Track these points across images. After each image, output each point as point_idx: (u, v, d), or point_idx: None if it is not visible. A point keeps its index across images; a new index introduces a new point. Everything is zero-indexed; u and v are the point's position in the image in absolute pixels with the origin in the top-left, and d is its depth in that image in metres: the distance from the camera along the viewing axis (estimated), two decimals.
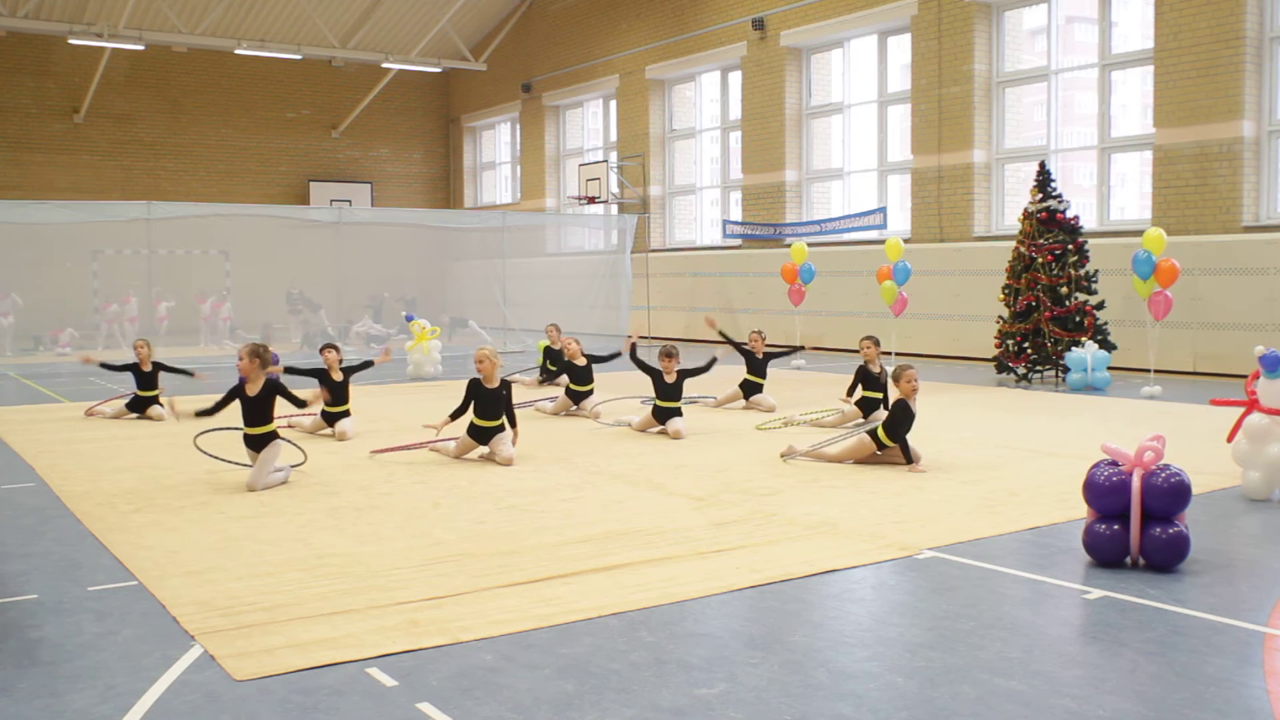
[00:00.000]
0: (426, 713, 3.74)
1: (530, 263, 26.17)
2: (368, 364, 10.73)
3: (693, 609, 4.87)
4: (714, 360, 10.85)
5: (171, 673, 4.12)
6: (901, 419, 8.26)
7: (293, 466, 8.27)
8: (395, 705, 3.81)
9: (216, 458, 8.38)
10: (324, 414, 10.16)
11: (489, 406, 8.71)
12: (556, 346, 13.39)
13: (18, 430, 10.75)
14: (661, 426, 10.19)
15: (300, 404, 8.06)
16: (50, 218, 20.33)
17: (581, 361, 11.57)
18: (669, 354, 10.33)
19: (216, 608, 4.88)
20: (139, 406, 11.66)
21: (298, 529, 6.45)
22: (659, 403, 10.23)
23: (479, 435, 8.77)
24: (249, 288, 25.17)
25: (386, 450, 9.25)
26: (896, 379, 8.36)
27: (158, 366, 11.73)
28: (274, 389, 7.94)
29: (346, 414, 10.25)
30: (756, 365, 11.97)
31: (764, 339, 12.21)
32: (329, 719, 3.71)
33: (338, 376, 10.20)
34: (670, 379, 10.18)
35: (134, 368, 11.69)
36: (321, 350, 10.66)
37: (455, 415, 8.82)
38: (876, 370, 10.52)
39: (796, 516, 6.64)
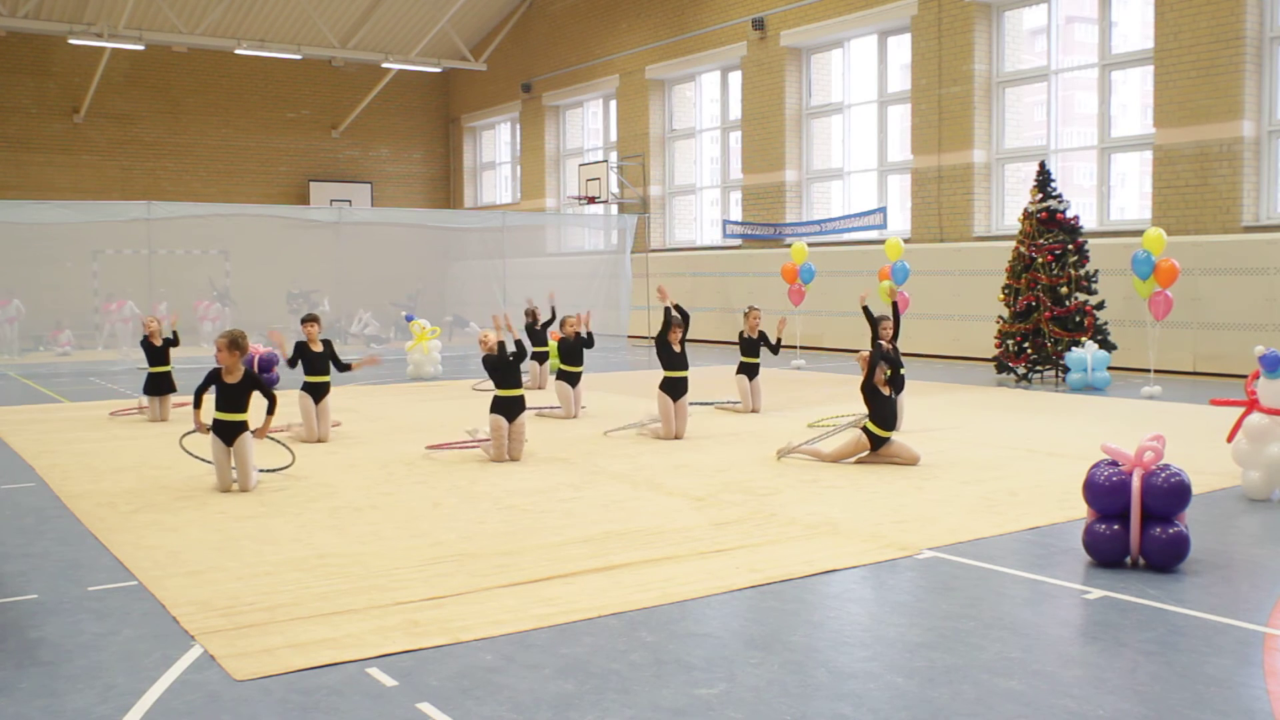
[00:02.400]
0: (426, 713, 3.74)
1: (530, 263, 26.12)
2: (346, 366, 10.22)
3: (693, 609, 4.87)
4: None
5: (171, 673, 4.12)
6: (873, 402, 8.44)
7: (281, 468, 8.25)
8: (395, 705, 3.81)
9: (203, 459, 8.20)
10: (306, 385, 10.00)
11: (509, 376, 8.98)
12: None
13: (18, 430, 10.75)
14: (676, 405, 9.90)
15: (271, 398, 7.97)
16: (50, 218, 20.31)
17: (572, 336, 11.51)
18: (679, 322, 10.22)
19: (216, 608, 4.88)
20: (155, 388, 11.55)
21: (298, 529, 6.45)
22: (669, 373, 10.00)
23: (505, 408, 8.84)
24: (249, 288, 25.15)
25: (442, 445, 9.33)
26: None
27: (168, 342, 11.77)
28: (252, 380, 7.84)
29: (327, 386, 10.09)
30: (749, 346, 11.69)
31: (759, 315, 11.72)
32: (329, 719, 3.71)
33: (317, 348, 10.11)
34: (678, 348, 10.12)
35: (144, 344, 11.69)
36: (302, 323, 10.34)
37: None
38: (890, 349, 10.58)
39: (796, 516, 6.64)
